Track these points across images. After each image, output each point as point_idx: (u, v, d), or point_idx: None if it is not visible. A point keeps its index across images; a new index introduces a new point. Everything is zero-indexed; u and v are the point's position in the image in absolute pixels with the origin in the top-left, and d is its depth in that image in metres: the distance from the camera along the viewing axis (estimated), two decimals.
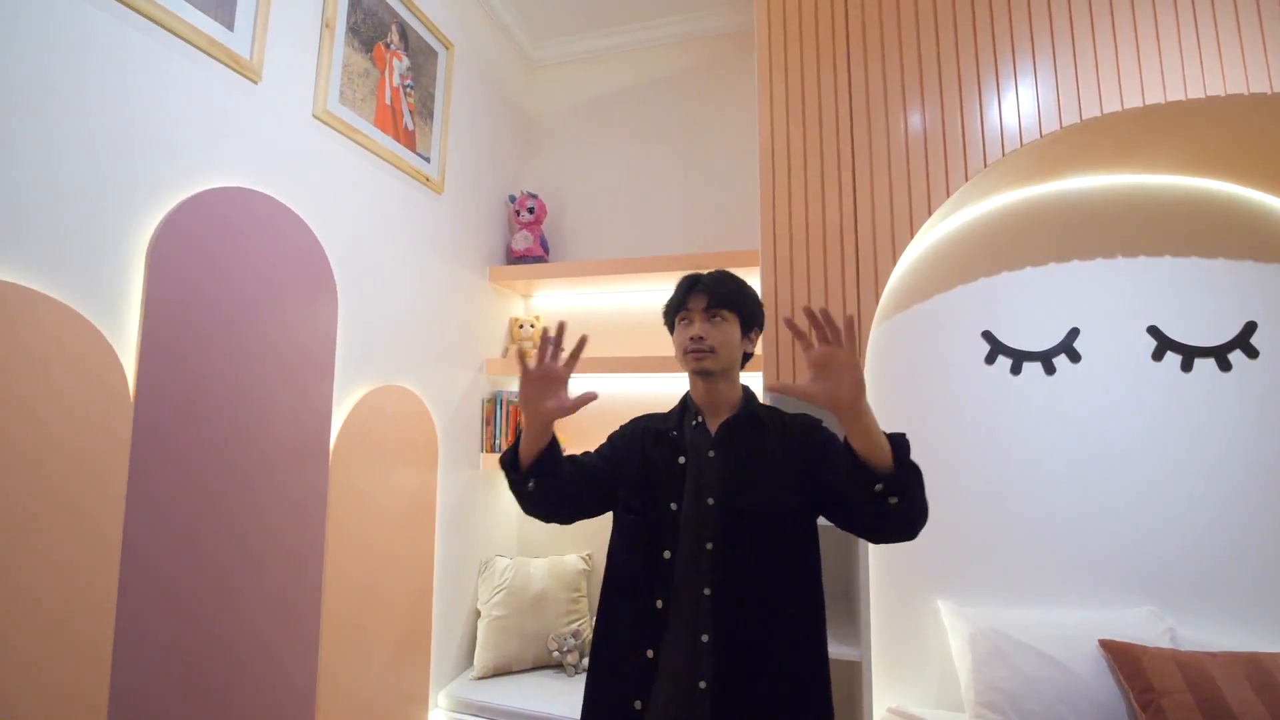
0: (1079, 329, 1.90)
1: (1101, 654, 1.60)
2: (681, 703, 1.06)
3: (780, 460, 1.15)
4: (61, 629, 0.97)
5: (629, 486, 1.21)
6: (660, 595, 1.11)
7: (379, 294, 1.73)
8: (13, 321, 0.92)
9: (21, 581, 0.92)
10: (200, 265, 1.20)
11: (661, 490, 1.17)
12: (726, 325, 1.20)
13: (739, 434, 1.19)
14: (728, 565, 1.10)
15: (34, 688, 0.93)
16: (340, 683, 1.52)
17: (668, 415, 1.29)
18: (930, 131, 1.71)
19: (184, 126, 1.20)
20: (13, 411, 0.92)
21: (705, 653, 1.07)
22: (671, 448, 1.21)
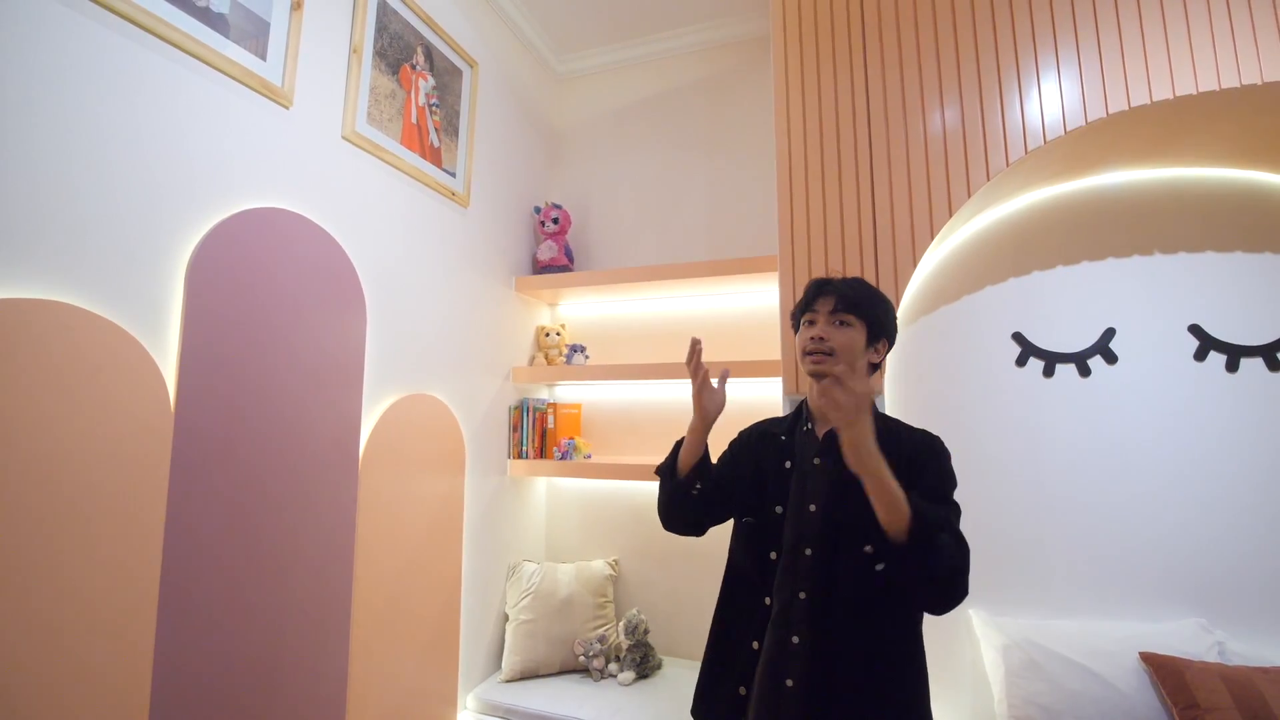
0: (1115, 329, 1.83)
1: (1143, 667, 1.54)
2: (772, 698, 1.10)
3: None
4: (105, 630, 1.03)
5: (744, 489, 1.25)
6: (768, 593, 1.16)
7: (407, 305, 1.79)
8: (64, 337, 1.00)
9: (68, 584, 0.99)
10: (236, 281, 1.27)
11: (769, 493, 1.20)
12: (851, 330, 1.16)
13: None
14: (824, 573, 1.10)
15: (79, 688, 1.00)
16: (370, 684, 1.57)
17: (784, 418, 1.30)
18: (950, 131, 1.68)
19: (221, 152, 1.27)
20: (61, 421, 0.99)
21: (795, 654, 1.09)
22: (780, 451, 1.23)
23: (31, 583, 0.95)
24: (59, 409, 0.99)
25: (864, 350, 1.17)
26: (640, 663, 2.09)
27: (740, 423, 2.25)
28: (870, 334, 1.18)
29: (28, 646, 0.94)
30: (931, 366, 1.97)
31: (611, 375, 2.26)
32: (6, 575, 0.92)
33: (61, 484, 0.98)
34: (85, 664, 1.00)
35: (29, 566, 0.94)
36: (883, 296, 1.22)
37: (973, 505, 1.86)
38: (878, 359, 1.20)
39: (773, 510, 1.18)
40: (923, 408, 1.96)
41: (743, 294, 2.34)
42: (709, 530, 1.30)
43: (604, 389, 2.53)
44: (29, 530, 0.95)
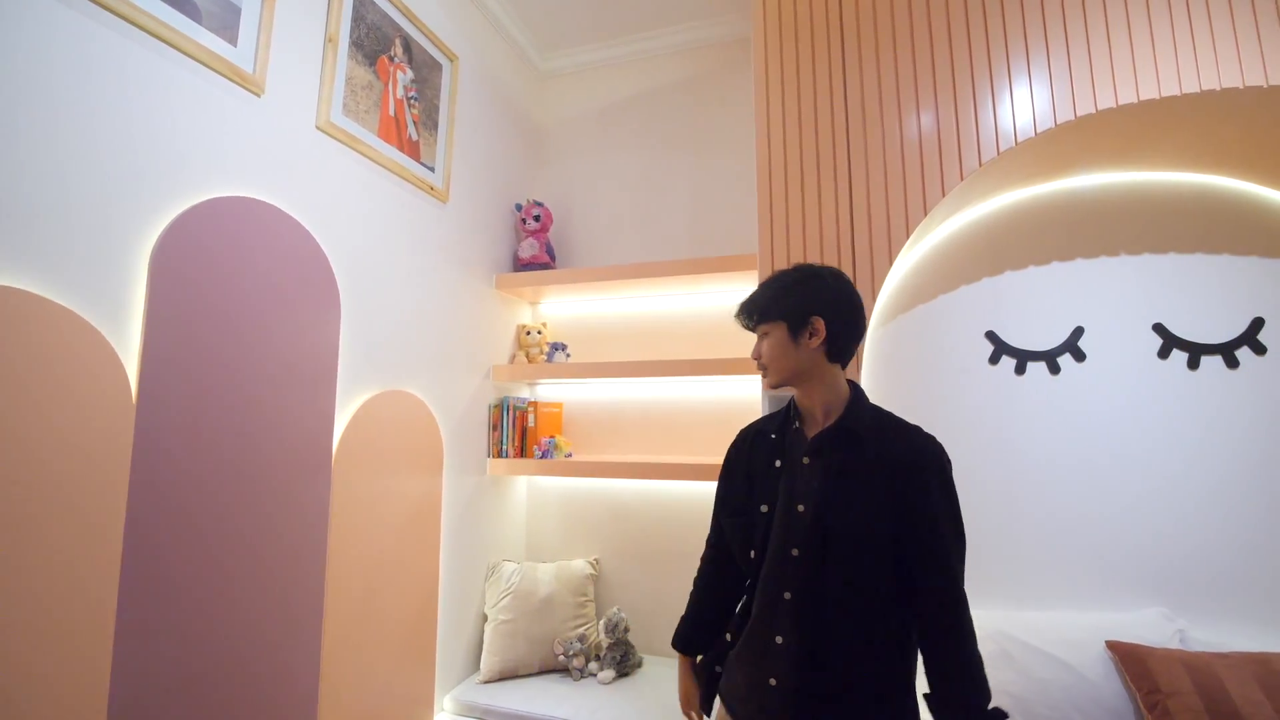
0: (1083, 328, 1.88)
1: (1109, 656, 1.58)
2: (757, 695, 1.12)
3: (872, 485, 1.08)
4: (62, 632, 1.00)
5: (733, 490, 1.26)
6: (749, 593, 1.20)
7: (383, 300, 1.77)
8: (19, 325, 0.96)
9: (23, 583, 0.96)
10: (203, 271, 1.23)
11: (756, 493, 1.19)
12: (770, 338, 1.16)
13: (832, 447, 1.12)
14: (811, 574, 1.08)
15: (34, 691, 0.96)
16: (343, 686, 1.54)
17: (773, 416, 1.26)
18: (926, 133, 1.72)
19: (188, 138, 1.24)
20: (17, 412, 0.95)
21: (779, 654, 1.09)
22: (770, 450, 1.20)
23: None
24: (13, 398, 0.95)
25: (791, 346, 1.13)
26: (620, 661, 2.08)
27: (724, 420, 2.27)
28: (791, 325, 1.13)
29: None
30: (907, 364, 2.00)
31: (593, 373, 2.25)
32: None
33: (17, 479, 0.95)
34: (38, 667, 0.97)
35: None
36: (794, 280, 1.17)
37: None
38: (819, 336, 1.12)
39: (758, 509, 1.17)
40: (899, 404, 1.95)
41: (723, 293, 2.35)
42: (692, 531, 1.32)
43: (586, 387, 2.52)
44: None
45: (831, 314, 1.13)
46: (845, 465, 1.10)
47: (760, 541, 1.15)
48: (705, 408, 2.34)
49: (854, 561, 1.06)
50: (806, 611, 1.07)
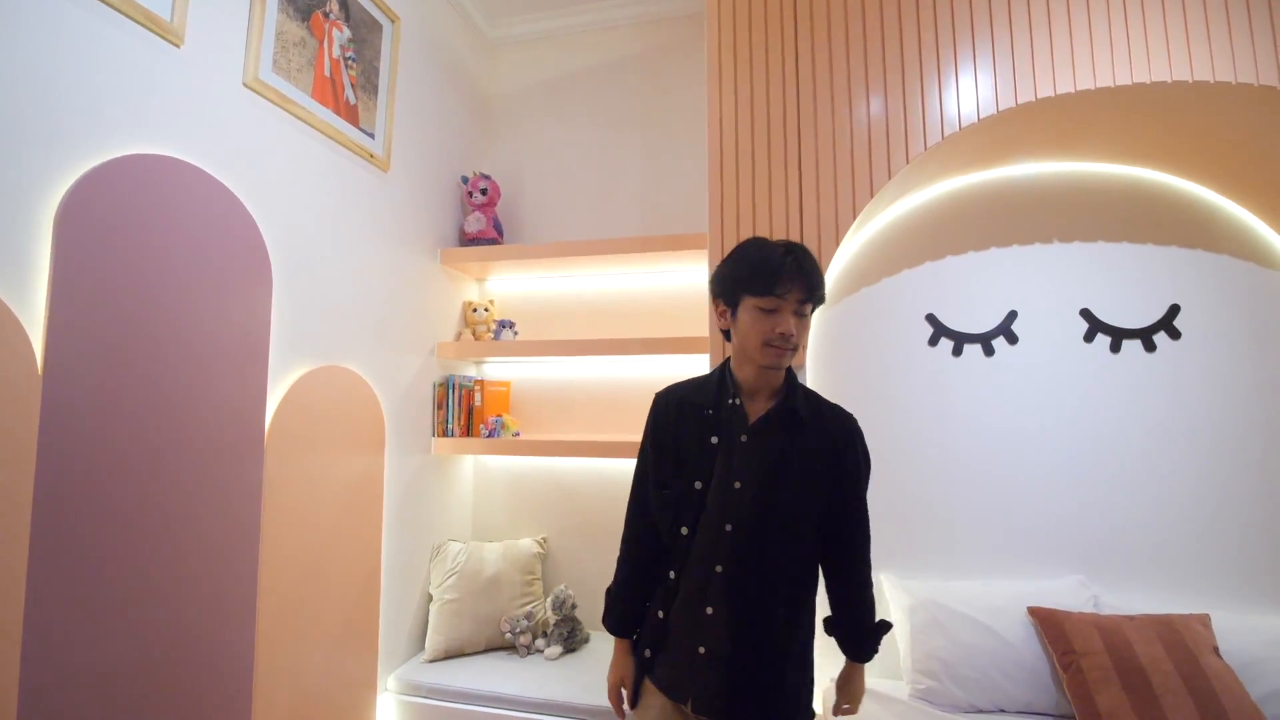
0: (1017, 312, 1.96)
1: (1030, 620, 1.68)
2: (684, 665, 1.15)
3: (810, 464, 1.14)
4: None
5: (662, 463, 1.22)
6: (674, 567, 1.18)
7: (319, 273, 1.68)
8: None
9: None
10: (117, 234, 1.14)
11: (690, 468, 1.16)
12: (808, 323, 1.14)
13: (776, 427, 1.14)
14: (743, 548, 1.11)
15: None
16: (279, 670, 1.49)
17: (703, 386, 1.22)
18: (874, 116, 1.74)
19: (95, 88, 1.14)
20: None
21: (709, 623, 1.13)
22: (705, 426, 1.17)
23: None
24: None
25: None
26: (567, 637, 2.09)
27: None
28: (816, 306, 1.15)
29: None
30: (852, 344, 2.05)
31: (541, 351, 2.22)
32: None
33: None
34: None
35: None
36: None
37: (887, 477, 1.97)
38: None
39: (691, 485, 1.15)
40: (843, 383, 2.03)
41: (674, 272, 2.34)
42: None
43: (534, 366, 2.48)
44: None
45: None
46: (786, 445, 1.13)
47: (692, 518, 1.15)
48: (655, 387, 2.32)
49: (789, 537, 1.13)
50: (738, 584, 1.12)
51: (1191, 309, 1.86)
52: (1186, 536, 1.79)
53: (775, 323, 1.08)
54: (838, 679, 1.31)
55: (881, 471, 1.98)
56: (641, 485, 1.26)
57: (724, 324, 1.18)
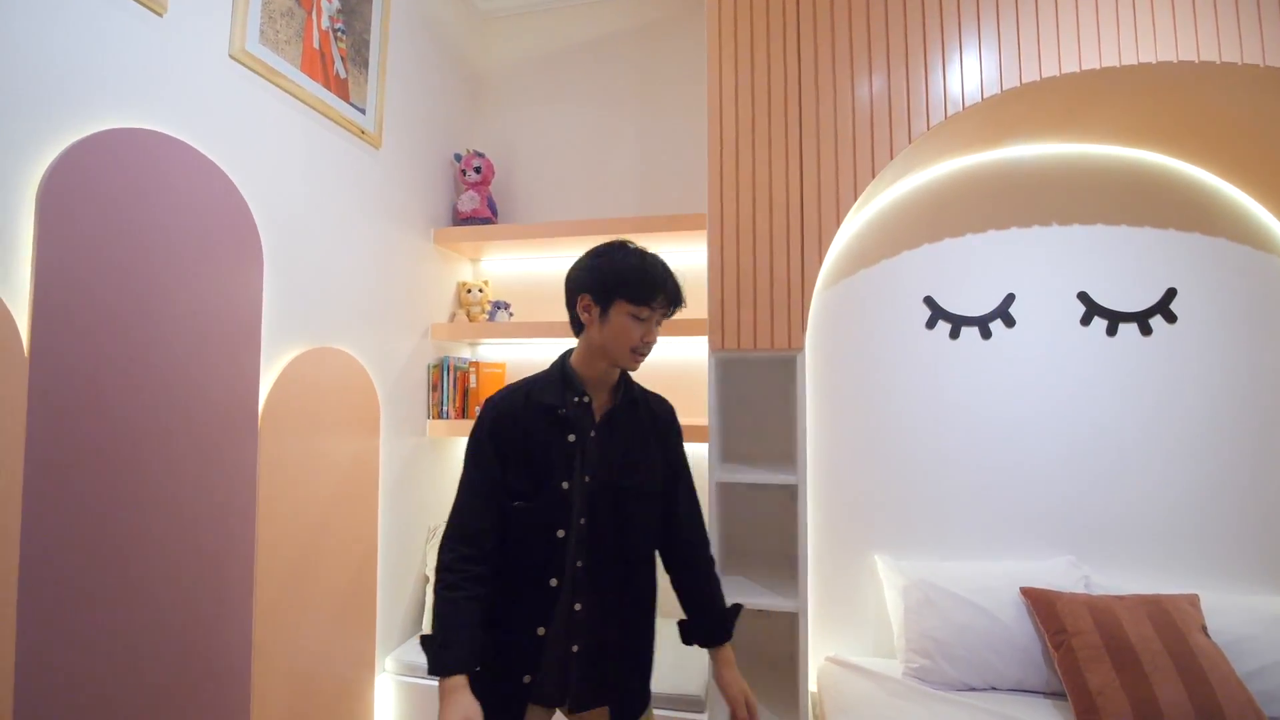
0: (1015, 294, 1.96)
1: (1022, 600, 1.70)
2: (557, 668, 1.15)
3: (650, 449, 1.23)
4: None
5: (516, 471, 1.15)
6: (554, 573, 1.14)
7: (310, 252, 1.65)
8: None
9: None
10: (103, 211, 1.11)
11: (554, 469, 1.15)
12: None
13: (621, 420, 1.21)
14: (598, 540, 1.15)
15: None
16: (278, 651, 1.49)
17: (546, 387, 1.20)
18: (876, 95, 1.71)
19: (75, 58, 1.09)
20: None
21: (579, 620, 1.15)
22: (560, 425, 1.17)
23: None
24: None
25: None
26: None
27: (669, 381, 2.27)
28: None
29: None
30: (849, 327, 2.04)
31: (537, 333, 2.20)
32: None
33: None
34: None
35: None
36: None
37: (882, 459, 1.98)
38: None
39: (559, 486, 1.14)
40: (839, 365, 2.03)
41: (672, 252, 2.30)
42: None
43: (529, 348, 2.46)
44: None
45: None
46: (629, 435, 1.21)
47: (565, 518, 1.14)
48: (650, 369, 2.31)
49: (643, 523, 1.21)
50: (601, 576, 1.16)
51: (1188, 292, 1.86)
52: (1177, 518, 1.81)
53: (644, 331, 1.16)
54: (718, 681, 1.22)
55: (876, 453, 2.00)
56: (476, 495, 1.15)
57: (587, 319, 1.18)
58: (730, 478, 1.72)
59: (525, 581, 1.14)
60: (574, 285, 1.20)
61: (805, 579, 1.64)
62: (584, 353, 1.21)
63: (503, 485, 1.15)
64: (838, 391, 2.04)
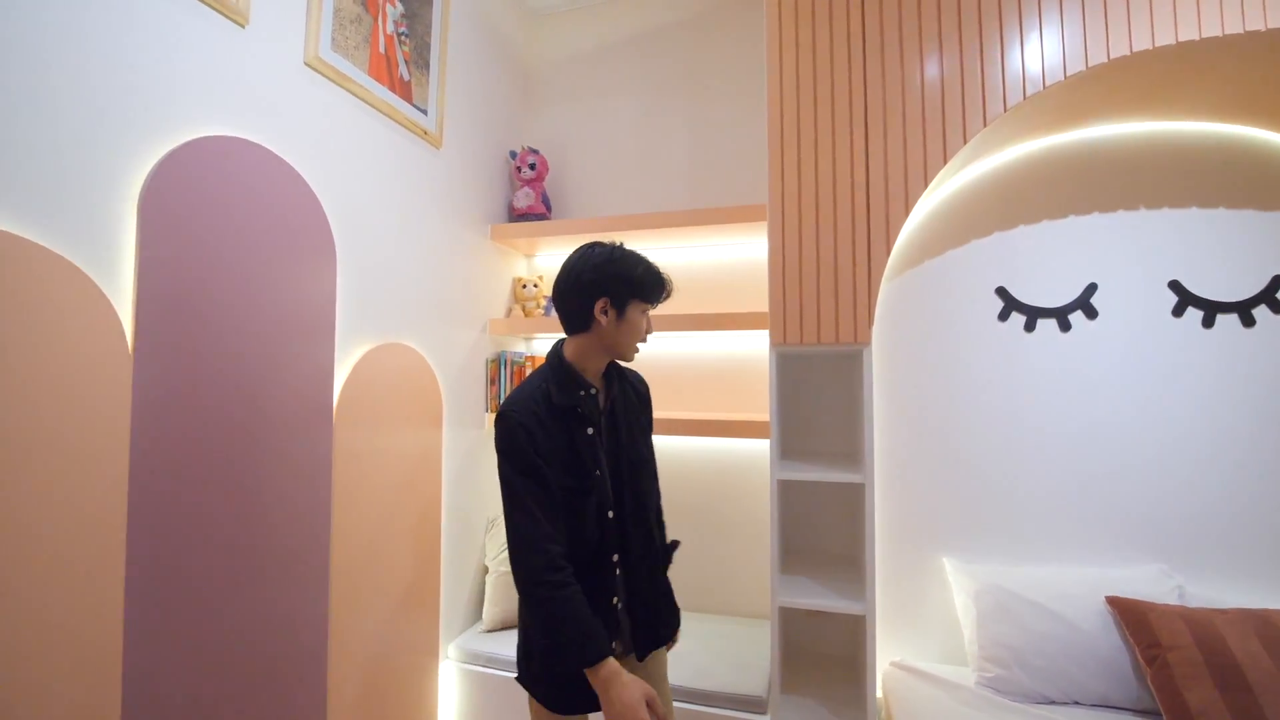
0: (1097, 284, 1.84)
1: (1108, 610, 1.60)
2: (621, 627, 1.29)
3: (640, 421, 1.40)
4: (72, 584, 0.98)
5: (559, 470, 1.20)
6: (615, 549, 1.28)
7: (378, 250, 1.70)
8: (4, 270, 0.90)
9: (28, 538, 0.93)
10: (195, 216, 1.17)
11: (585, 461, 1.24)
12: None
13: (620, 402, 1.36)
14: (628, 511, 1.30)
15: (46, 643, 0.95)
16: (351, 635, 1.55)
17: (560, 387, 1.24)
18: (948, 76, 1.63)
19: (171, 72, 1.15)
20: (9, 362, 0.91)
21: (619, 578, 1.29)
22: (580, 421, 1.26)
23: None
24: (4, 343, 0.90)
25: None
26: None
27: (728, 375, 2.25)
28: None
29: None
30: (914, 320, 1.96)
31: None
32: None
33: (10, 426, 0.91)
34: (51, 617, 0.95)
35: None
36: None
37: (950, 457, 1.90)
38: None
39: (594, 474, 1.25)
40: (906, 361, 1.96)
41: (728, 245, 2.29)
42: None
43: None
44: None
45: None
46: (627, 413, 1.36)
47: (610, 499, 1.27)
48: (707, 363, 2.30)
49: (651, 483, 1.39)
50: (634, 540, 1.30)
51: None
52: None
53: (648, 324, 1.33)
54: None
55: (944, 452, 1.92)
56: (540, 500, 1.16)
57: (604, 320, 1.25)
58: (793, 475, 1.68)
59: (591, 561, 1.23)
60: (590, 290, 1.25)
61: (873, 581, 1.59)
62: (585, 348, 1.29)
63: (555, 485, 1.19)
64: (903, 387, 1.97)
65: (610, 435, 1.31)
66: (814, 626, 2.00)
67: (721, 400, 2.26)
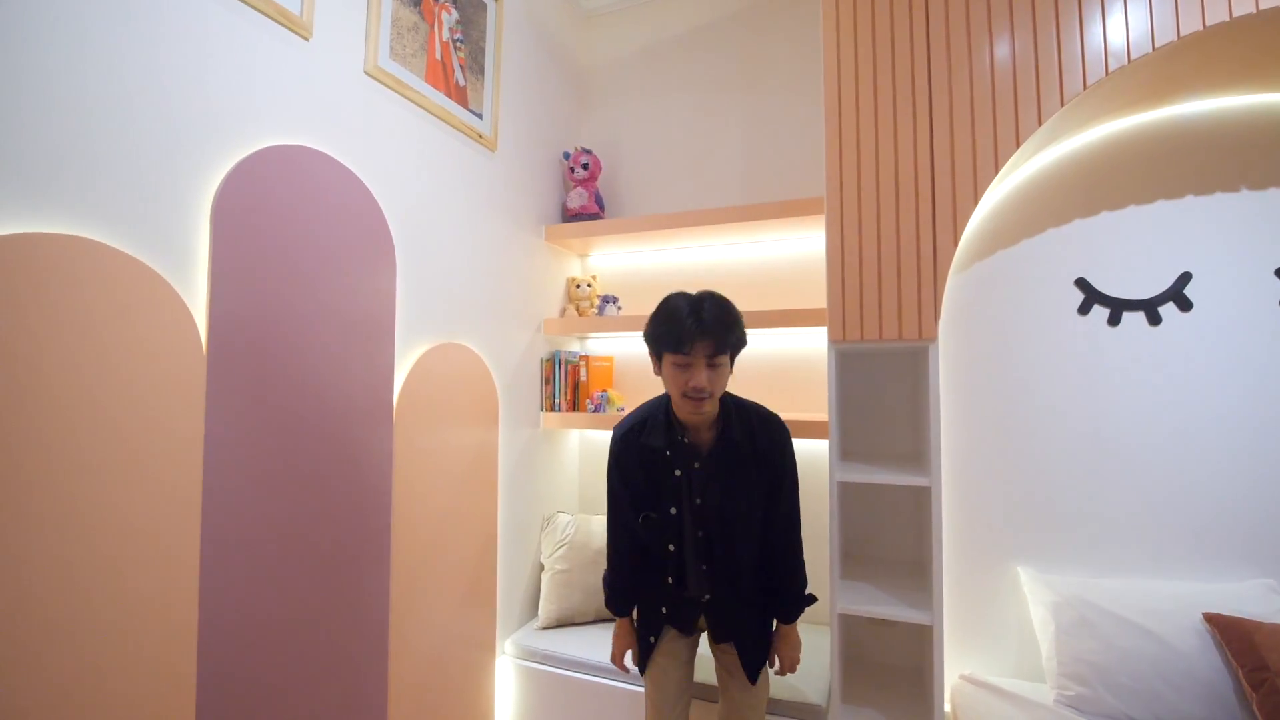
0: (1191, 273, 1.69)
1: (1206, 628, 1.47)
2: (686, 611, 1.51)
3: (749, 476, 1.39)
4: (146, 579, 1.04)
5: (638, 496, 1.46)
6: (672, 574, 1.46)
7: (435, 252, 1.74)
8: (87, 273, 0.97)
9: (108, 531, 0.99)
10: (264, 222, 1.22)
11: (664, 497, 1.42)
12: (724, 369, 1.32)
13: (720, 454, 1.39)
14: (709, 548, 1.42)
15: (127, 620, 1.01)
16: (411, 629, 1.59)
17: (654, 428, 1.43)
18: (1020, 54, 1.53)
19: (240, 85, 1.21)
20: (90, 361, 0.97)
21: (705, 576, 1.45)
22: (667, 464, 1.41)
23: (69, 531, 0.94)
24: (87, 348, 0.96)
25: (729, 375, 1.36)
26: None
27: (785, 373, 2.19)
28: (734, 358, 1.34)
29: (73, 591, 0.94)
30: (985, 314, 1.86)
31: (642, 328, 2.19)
32: (42, 522, 0.92)
33: (95, 426, 0.97)
34: (130, 606, 1.01)
35: (67, 512, 0.94)
36: (734, 311, 1.33)
37: (1027, 461, 1.79)
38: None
39: (668, 511, 1.41)
40: (975, 357, 1.86)
41: (783, 240, 2.23)
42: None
43: (637, 341, 2.47)
44: (67, 473, 0.94)
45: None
46: (733, 465, 1.38)
47: (676, 536, 1.43)
48: (763, 361, 2.25)
49: (746, 531, 1.41)
50: (719, 571, 1.43)
51: None
52: None
53: (689, 376, 1.29)
54: (775, 640, 1.50)
55: (1018, 454, 1.81)
56: (618, 511, 1.51)
57: (656, 372, 1.41)
58: (853, 477, 1.62)
59: (654, 575, 1.48)
60: (647, 344, 1.41)
61: (940, 589, 1.51)
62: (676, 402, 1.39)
63: (632, 506, 1.46)
64: (972, 385, 1.86)
65: (705, 480, 1.39)
66: (876, 635, 1.93)
67: (779, 399, 2.20)
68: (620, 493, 1.49)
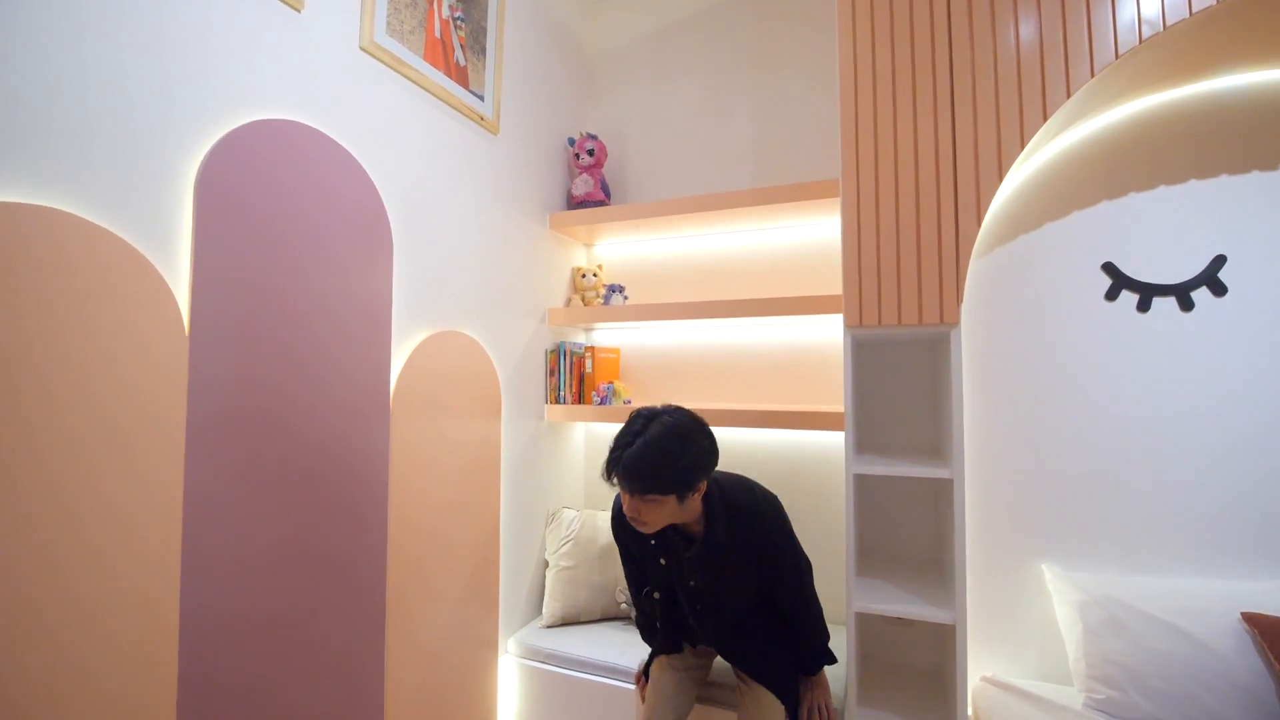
0: (1226, 256, 1.61)
1: (1245, 628, 1.39)
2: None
3: (740, 566, 1.43)
4: (125, 568, 0.98)
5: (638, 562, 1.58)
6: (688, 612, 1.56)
7: (435, 237, 1.68)
8: (66, 247, 0.91)
9: (85, 516, 0.93)
10: (252, 199, 1.16)
11: (654, 578, 1.54)
12: (656, 506, 1.30)
13: (707, 551, 1.41)
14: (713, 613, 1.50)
15: (100, 627, 0.95)
16: (409, 627, 1.53)
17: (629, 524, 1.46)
18: (1046, 23, 1.45)
19: (225, 56, 1.15)
20: (66, 337, 0.91)
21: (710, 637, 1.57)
22: (654, 552, 1.49)
23: (46, 516, 0.89)
24: (64, 324, 0.91)
25: (678, 508, 1.31)
26: None
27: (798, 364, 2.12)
28: (680, 496, 1.29)
29: (50, 578, 0.89)
30: (1008, 301, 1.78)
31: (651, 316, 2.13)
32: (17, 506, 0.86)
33: (66, 406, 0.91)
34: (108, 598, 0.95)
35: (43, 496, 0.88)
36: (677, 456, 1.28)
37: (1053, 453, 1.71)
38: (699, 492, 1.34)
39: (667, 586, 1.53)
40: (997, 345, 1.78)
41: (796, 227, 2.16)
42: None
43: (644, 331, 2.40)
44: (41, 456, 0.88)
45: (710, 471, 1.36)
46: (719, 560, 1.41)
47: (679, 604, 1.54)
48: (776, 350, 2.18)
49: (739, 604, 1.49)
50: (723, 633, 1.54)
51: None
52: None
53: (628, 504, 1.32)
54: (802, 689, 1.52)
55: (1043, 446, 1.73)
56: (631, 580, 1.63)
57: None
58: (870, 470, 1.55)
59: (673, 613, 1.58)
60: None
61: (963, 587, 1.44)
62: None
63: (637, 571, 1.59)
64: (994, 374, 1.79)
65: (696, 567, 1.44)
66: (894, 634, 1.86)
67: (793, 390, 2.14)
68: (626, 550, 1.59)
